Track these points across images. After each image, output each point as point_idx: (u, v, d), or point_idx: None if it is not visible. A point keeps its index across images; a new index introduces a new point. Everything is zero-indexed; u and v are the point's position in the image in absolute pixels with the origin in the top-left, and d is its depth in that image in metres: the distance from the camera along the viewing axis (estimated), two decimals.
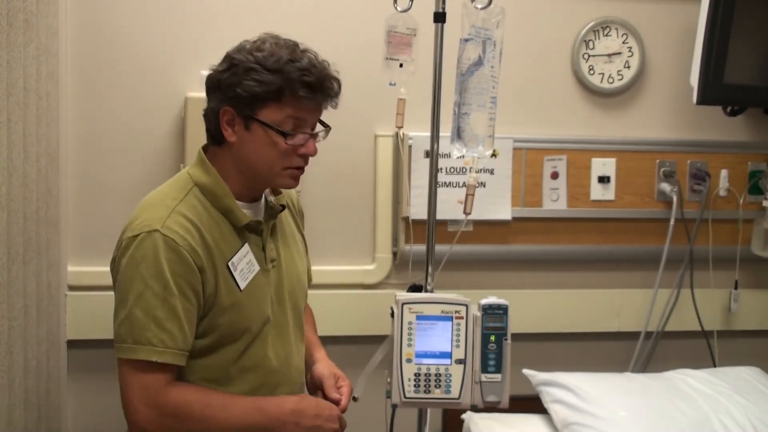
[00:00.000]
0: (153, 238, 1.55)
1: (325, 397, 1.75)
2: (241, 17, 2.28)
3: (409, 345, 1.71)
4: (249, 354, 1.66)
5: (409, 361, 1.71)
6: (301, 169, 1.67)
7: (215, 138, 1.66)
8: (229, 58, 1.63)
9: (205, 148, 1.71)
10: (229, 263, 1.62)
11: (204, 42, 2.25)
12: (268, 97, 1.59)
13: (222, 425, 1.58)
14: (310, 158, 1.67)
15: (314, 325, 1.99)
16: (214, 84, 1.64)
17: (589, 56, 2.48)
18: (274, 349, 1.70)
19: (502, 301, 1.74)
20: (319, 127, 1.68)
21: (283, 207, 1.76)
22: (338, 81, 1.67)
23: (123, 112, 2.27)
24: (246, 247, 1.65)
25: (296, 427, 1.62)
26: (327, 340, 1.97)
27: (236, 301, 1.63)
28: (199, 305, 1.59)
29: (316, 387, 1.79)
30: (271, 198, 1.76)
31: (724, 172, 2.53)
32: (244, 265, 1.65)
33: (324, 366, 1.82)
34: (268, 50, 1.60)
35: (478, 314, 1.73)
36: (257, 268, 1.66)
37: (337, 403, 1.72)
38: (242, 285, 1.63)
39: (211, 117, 1.65)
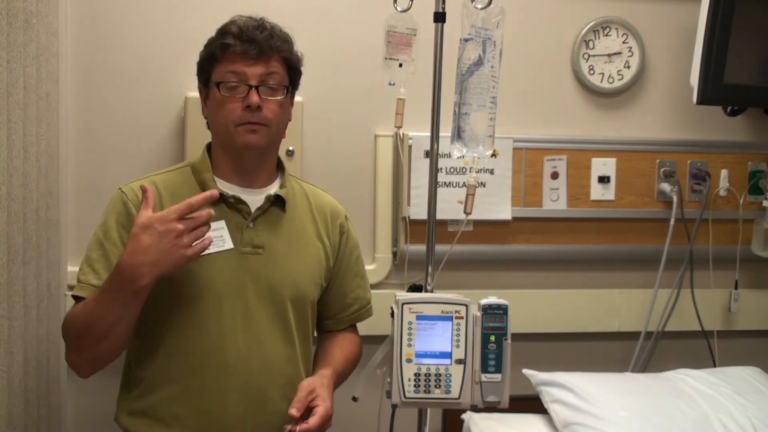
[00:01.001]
0: (114, 195, 1.78)
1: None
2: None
3: (409, 345, 1.71)
4: (202, 334, 1.70)
5: (409, 361, 1.71)
6: (254, 124, 1.72)
7: (207, 124, 1.82)
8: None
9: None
10: None
11: (204, 41, 2.24)
12: (210, 58, 1.74)
13: (85, 317, 1.64)
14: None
15: (350, 352, 1.95)
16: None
17: (589, 56, 2.48)
18: (233, 339, 1.71)
19: (502, 301, 1.74)
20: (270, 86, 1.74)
21: (278, 197, 1.79)
22: (272, 29, 1.75)
23: (123, 112, 2.28)
24: (221, 222, 1.72)
25: (133, 276, 1.56)
26: None
27: (190, 266, 1.66)
28: None
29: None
30: (273, 190, 1.82)
31: (724, 172, 2.53)
32: (213, 236, 1.66)
33: (311, 379, 1.76)
34: (224, 24, 1.77)
35: (478, 314, 1.73)
36: (229, 246, 1.72)
37: (293, 418, 1.65)
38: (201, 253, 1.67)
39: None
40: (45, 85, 1.95)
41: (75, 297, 1.72)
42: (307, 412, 1.67)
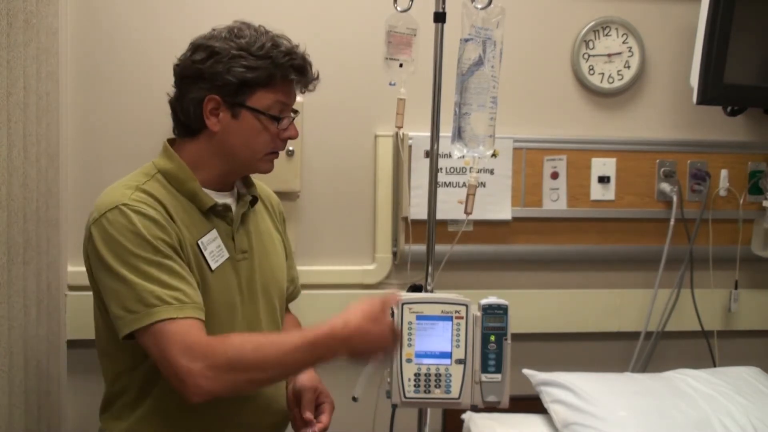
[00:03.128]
0: (121, 211, 1.53)
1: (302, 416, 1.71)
2: (240, 17, 2.27)
3: (409, 345, 1.71)
4: None
5: (409, 361, 1.71)
6: (278, 154, 1.70)
7: (189, 128, 1.67)
8: (205, 47, 1.63)
9: (171, 140, 1.72)
10: (199, 242, 1.62)
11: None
12: (259, 82, 1.61)
13: (278, 364, 1.52)
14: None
15: None
16: (195, 74, 1.63)
17: (589, 56, 2.48)
18: None
19: (502, 301, 1.74)
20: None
21: (255, 198, 1.77)
22: (311, 63, 1.71)
23: (123, 113, 2.27)
24: (215, 232, 1.66)
25: (348, 354, 1.56)
26: None
27: (206, 281, 1.61)
28: (189, 265, 1.58)
29: (296, 400, 1.76)
30: (243, 189, 1.78)
31: (724, 172, 2.53)
32: (214, 248, 1.64)
33: (307, 378, 1.77)
34: (249, 36, 1.63)
35: (478, 314, 1.73)
36: (227, 255, 1.67)
37: (309, 424, 1.66)
38: (213, 266, 1.62)
39: (191, 107, 1.64)
40: (45, 85, 1.95)
41: (170, 321, 1.48)
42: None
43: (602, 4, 2.47)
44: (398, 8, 1.97)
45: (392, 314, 1.76)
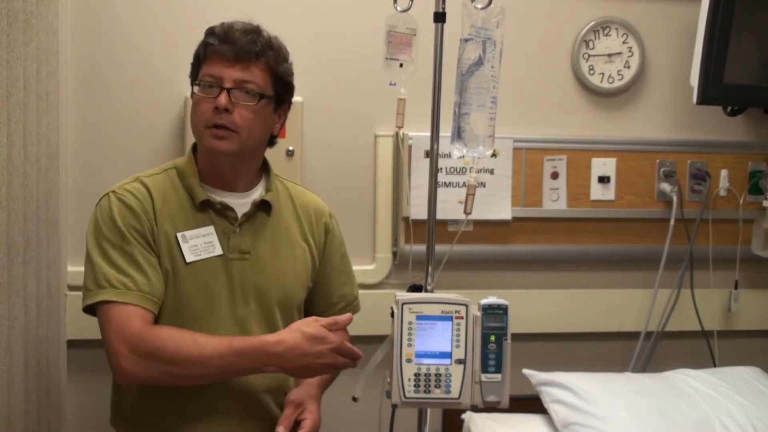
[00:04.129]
0: (108, 198, 1.70)
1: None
2: (241, 17, 2.27)
3: (409, 345, 1.71)
4: None
5: (409, 361, 1.71)
6: (223, 129, 1.68)
7: None
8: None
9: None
10: (179, 234, 1.69)
11: None
12: (196, 58, 1.74)
13: (196, 363, 1.58)
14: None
15: None
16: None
17: (589, 56, 2.48)
18: None
19: (502, 301, 1.74)
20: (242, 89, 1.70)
21: (265, 202, 1.78)
22: (255, 33, 1.72)
23: (123, 112, 2.28)
24: (210, 228, 1.71)
25: (280, 368, 1.61)
26: None
27: (177, 272, 1.68)
28: (158, 256, 1.67)
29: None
30: (264, 193, 1.80)
31: (724, 172, 2.53)
32: (201, 242, 1.69)
33: (298, 391, 1.79)
34: (216, 26, 1.75)
35: (478, 314, 1.73)
36: (219, 252, 1.71)
37: None
38: (189, 258, 1.68)
39: None
40: (45, 85, 1.95)
41: (114, 303, 1.62)
42: (295, 425, 1.72)
43: (602, 4, 2.47)
44: (398, 8, 1.97)
45: (392, 314, 1.76)
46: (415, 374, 1.70)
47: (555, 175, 2.46)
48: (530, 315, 2.46)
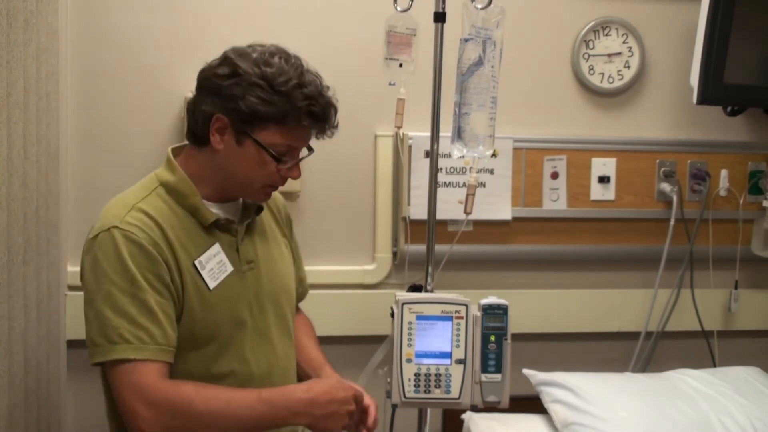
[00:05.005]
0: (111, 234, 1.51)
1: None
2: (241, 17, 2.28)
3: (409, 345, 1.71)
4: (224, 360, 1.60)
5: (409, 361, 1.71)
6: (276, 187, 1.64)
7: (198, 138, 1.60)
8: (232, 64, 1.55)
9: (177, 149, 1.67)
10: (196, 262, 1.56)
11: (204, 42, 2.25)
12: (270, 118, 1.54)
13: (227, 420, 1.50)
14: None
15: (315, 339, 1.90)
16: (212, 87, 1.56)
17: (589, 56, 2.48)
18: (254, 356, 1.64)
19: (502, 301, 1.75)
20: (304, 151, 1.65)
21: (260, 207, 1.72)
22: (337, 109, 1.62)
23: (123, 112, 2.27)
24: (217, 246, 1.60)
25: (309, 417, 1.54)
26: (327, 341, 1.97)
27: (205, 301, 1.57)
28: (173, 298, 1.53)
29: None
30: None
31: (724, 172, 2.53)
32: (214, 264, 1.59)
33: (344, 383, 1.71)
34: (277, 67, 1.54)
35: (478, 314, 1.73)
36: (231, 269, 1.61)
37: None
38: (211, 285, 1.58)
39: (200, 119, 1.58)
40: (45, 85, 1.95)
41: (127, 360, 1.48)
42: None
43: (602, 4, 2.47)
44: (398, 8, 1.97)
45: (392, 314, 1.76)
46: (415, 374, 1.70)
47: (555, 175, 2.46)
48: (530, 315, 2.46)
